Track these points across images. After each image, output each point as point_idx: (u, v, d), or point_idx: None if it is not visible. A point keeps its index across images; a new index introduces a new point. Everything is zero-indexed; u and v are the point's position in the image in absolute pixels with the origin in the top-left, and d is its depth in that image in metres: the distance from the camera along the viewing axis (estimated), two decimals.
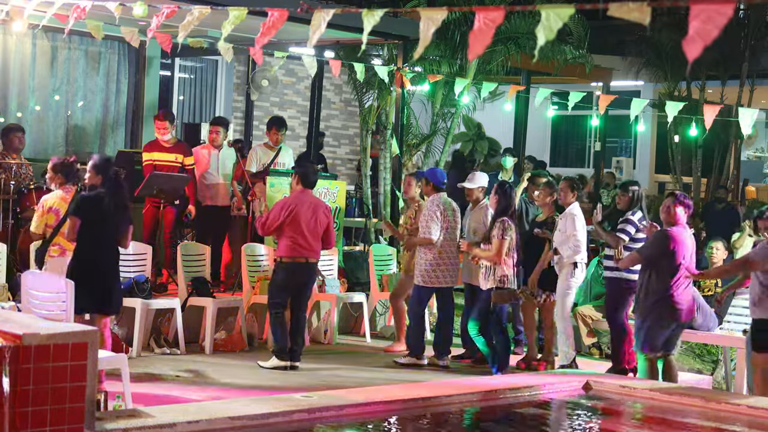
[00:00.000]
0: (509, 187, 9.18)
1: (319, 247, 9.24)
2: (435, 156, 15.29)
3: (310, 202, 9.23)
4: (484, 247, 9.06)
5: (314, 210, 9.16)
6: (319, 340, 11.02)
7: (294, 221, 9.07)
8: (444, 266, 9.76)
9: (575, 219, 9.37)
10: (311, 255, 9.18)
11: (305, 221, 9.09)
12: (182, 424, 5.13)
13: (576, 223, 9.34)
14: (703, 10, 4.10)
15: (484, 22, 4.89)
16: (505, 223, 8.91)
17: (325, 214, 9.25)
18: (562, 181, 9.65)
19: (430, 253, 9.71)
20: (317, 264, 9.41)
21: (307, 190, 9.26)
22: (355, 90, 14.98)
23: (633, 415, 6.86)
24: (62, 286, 7.13)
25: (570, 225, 9.33)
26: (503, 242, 8.89)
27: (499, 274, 8.97)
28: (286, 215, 9.08)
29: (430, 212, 9.70)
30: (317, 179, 9.67)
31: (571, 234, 9.28)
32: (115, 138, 14.28)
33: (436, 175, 9.97)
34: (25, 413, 4.52)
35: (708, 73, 19.08)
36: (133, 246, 10.15)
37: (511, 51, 13.96)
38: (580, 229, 9.35)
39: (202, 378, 8.69)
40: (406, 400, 6.32)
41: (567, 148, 24.61)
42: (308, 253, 9.15)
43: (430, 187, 9.87)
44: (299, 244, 9.11)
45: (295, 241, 9.09)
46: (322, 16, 5.53)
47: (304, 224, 9.08)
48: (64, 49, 13.61)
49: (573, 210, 9.43)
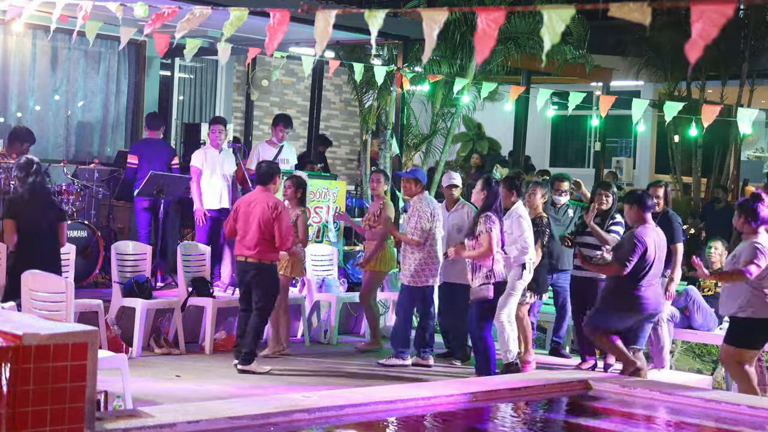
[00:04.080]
0: (495, 183, 9.11)
1: (254, 242, 8.95)
2: (435, 156, 15.29)
3: (252, 199, 9.13)
4: (468, 244, 8.89)
5: (253, 207, 9.02)
6: (319, 340, 11.02)
7: (238, 220, 9.07)
8: (432, 265, 9.81)
9: (521, 220, 9.33)
10: (245, 251, 9.00)
11: (243, 219, 9.03)
12: (182, 424, 5.13)
13: (522, 224, 9.31)
14: (704, 12, 4.10)
15: (487, 23, 4.88)
16: (491, 218, 8.81)
17: (265, 210, 8.94)
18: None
19: (420, 252, 9.74)
20: (262, 263, 9.02)
21: (260, 188, 9.14)
22: (355, 90, 14.98)
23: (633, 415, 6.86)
24: (62, 286, 7.14)
25: (516, 226, 9.28)
26: (491, 235, 8.77)
27: (486, 270, 8.80)
28: (233, 215, 9.15)
29: (421, 212, 9.73)
30: (271, 173, 9.20)
31: (518, 236, 9.25)
32: (115, 138, 14.28)
33: (419, 174, 10.09)
34: (25, 413, 4.52)
35: (708, 73, 19.09)
36: (133, 246, 10.17)
37: (511, 51, 13.96)
38: (526, 229, 9.32)
39: (202, 378, 8.69)
40: (406, 400, 6.32)
41: (567, 148, 24.61)
42: (242, 250, 9.03)
43: (419, 187, 9.92)
44: (239, 242, 9.08)
45: (239, 240, 9.07)
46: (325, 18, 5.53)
47: (242, 222, 9.03)
48: (64, 49, 13.61)
49: (518, 211, 9.37)
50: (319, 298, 10.97)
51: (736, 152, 19.76)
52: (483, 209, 8.87)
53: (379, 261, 10.48)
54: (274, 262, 9.17)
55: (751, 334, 8.07)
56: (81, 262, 10.18)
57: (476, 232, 8.76)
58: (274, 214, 8.92)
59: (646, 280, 8.40)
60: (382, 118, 14.04)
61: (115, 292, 9.73)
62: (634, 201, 8.57)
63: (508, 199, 9.30)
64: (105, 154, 14.01)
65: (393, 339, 9.97)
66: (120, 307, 9.68)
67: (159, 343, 9.80)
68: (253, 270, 9.00)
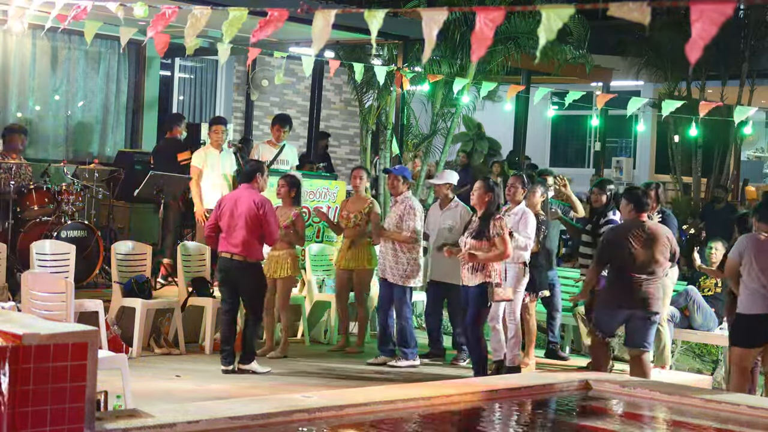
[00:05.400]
0: (496, 185, 9.14)
1: (239, 239, 8.94)
2: (435, 156, 15.29)
3: (236, 196, 9.13)
4: (473, 245, 8.79)
5: (239, 204, 9.01)
6: (319, 340, 11.02)
7: (222, 217, 9.05)
8: (418, 265, 9.83)
9: (529, 218, 9.40)
10: (230, 248, 9.00)
11: (228, 216, 9.02)
12: (182, 424, 5.12)
13: (530, 222, 9.37)
14: (703, 11, 4.10)
15: (485, 22, 4.88)
16: (502, 220, 8.85)
17: (251, 206, 8.92)
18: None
19: (414, 251, 9.75)
20: (248, 260, 9.00)
21: (244, 186, 9.15)
22: (355, 90, 14.98)
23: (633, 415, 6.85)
24: (62, 286, 7.14)
25: (524, 224, 9.35)
26: (506, 238, 8.77)
27: (488, 270, 8.79)
28: (217, 212, 9.14)
29: (410, 209, 9.74)
30: (254, 171, 9.19)
31: (524, 233, 9.28)
32: (115, 138, 14.29)
33: (407, 173, 10.13)
34: (25, 413, 4.52)
35: (708, 73, 19.08)
36: (133, 246, 10.17)
37: (511, 51, 13.95)
38: (533, 228, 9.42)
39: (202, 378, 8.69)
40: (406, 400, 6.31)
41: (567, 148, 24.61)
42: (228, 247, 9.02)
43: (405, 186, 9.94)
44: (224, 239, 9.05)
45: (224, 236, 9.06)
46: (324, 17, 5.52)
47: (227, 219, 9.02)
48: (64, 49, 13.61)
49: (525, 208, 9.50)
50: (320, 298, 10.96)
51: (736, 152, 19.75)
52: (494, 212, 8.84)
53: (369, 258, 10.42)
54: (259, 261, 9.17)
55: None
56: (81, 262, 10.18)
57: (490, 234, 8.71)
58: (261, 211, 8.91)
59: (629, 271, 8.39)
60: (382, 118, 14.04)
61: (115, 292, 9.73)
62: (631, 200, 8.55)
63: (519, 197, 9.39)
64: (105, 154, 14.02)
65: (402, 341, 9.92)
66: (120, 307, 9.69)
67: (159, 343, 9.80)
68: (237, 267, 8.97)
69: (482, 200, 8.85)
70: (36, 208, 10.59)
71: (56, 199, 10.68)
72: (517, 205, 9.46)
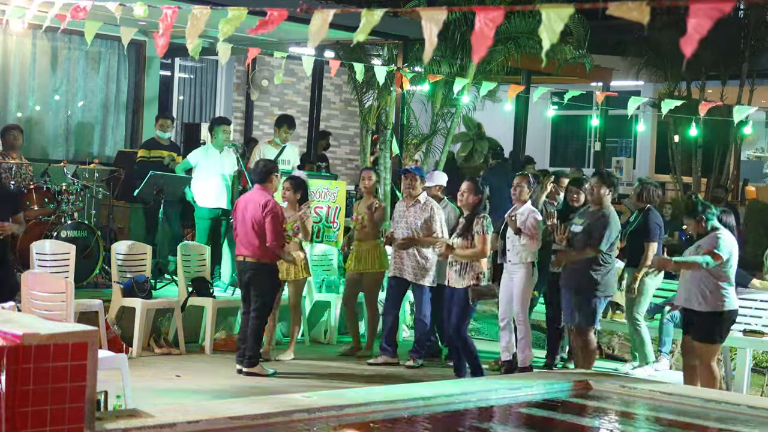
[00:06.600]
0: (483, 184, 9.14)
1: (249, 241, 8.97)
2: (435, 156, 15.28)
3: (248, 199, 9.16)
4: (459, 244, 8.86)
5: (246, 205, 9.06)
6: (319, 340, 11.02)
7: (236, 219, 9.11)
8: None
9: (536, 216, 9.40)
10: (243, 251, 9.03)
11: (240, 218, 9.06)
12: (182, 424, 5.13)
13: (537, 221, 9.37)
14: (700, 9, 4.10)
15: (485, 22, 4.88)
16: (487, 219, 8.87)
17: (257, 209, 8.94)
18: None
19: (433, 254, 9.71)
20: (259, 262, 8.99)
21: (258, 186, 9.16)
22: (355, 90, 14.97)
23: (633, 415, 6.86)
24: (62, 286, 7.14)
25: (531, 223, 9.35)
26: (486, 237, 8.82)
27: (476, 271, 8.84)
28: (234, 214, 9.21)
29: (435, 213, 9.72)
30: (268, 171, 9.18)
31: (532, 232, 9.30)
32: (115, 138, 14.28)
33: (423, 172, 10.16)
34: (25, 413, 4.52)
35: (708, 73, 19.07)
36: (133, 246, 10.17)
37: (511, 51, 13.95)
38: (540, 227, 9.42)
39: (202, 378, 8.69)
40: (406, 400, 6.32)
41: (567, 148, 24.59)
42: (240, 249, 9.07)
43: (423, 185, 9.93)
44: (238, 241, 9.11)
45: (237, 239, 9.11)
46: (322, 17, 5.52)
47: (240, 221, 9.06)
48: (64, 49, 13.61)
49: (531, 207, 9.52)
50: (319, 298, 10.96)
51: (736, 152, 19.74)
52: (480, 210, 8.87)
53: (380, 260, 10.40)
54: (273, 263, 9.12)
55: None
56: (81, 262, 10.18)
57: (472, 232, 8.78)
58: (264, 213, 8.91)
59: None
60: (382, 118, 14.03)
61: (115, 292, 9.73)
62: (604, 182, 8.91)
63: (525, 197, 9.42)
64: (105, 154, 14.02)
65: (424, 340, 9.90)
66: (120, 307, 9.69)
67: (159, 343, 9.80)
68: (250, 270, 8.99)
69: (470, 200, 8.91)
70: (36, 207, 10.59)
71: (56, 198, 10.69)
72: (524, 204, 9.44)
